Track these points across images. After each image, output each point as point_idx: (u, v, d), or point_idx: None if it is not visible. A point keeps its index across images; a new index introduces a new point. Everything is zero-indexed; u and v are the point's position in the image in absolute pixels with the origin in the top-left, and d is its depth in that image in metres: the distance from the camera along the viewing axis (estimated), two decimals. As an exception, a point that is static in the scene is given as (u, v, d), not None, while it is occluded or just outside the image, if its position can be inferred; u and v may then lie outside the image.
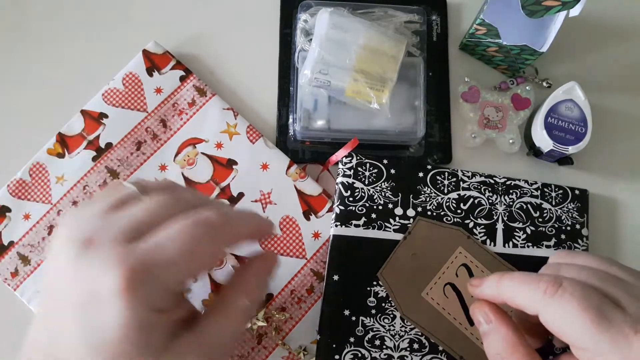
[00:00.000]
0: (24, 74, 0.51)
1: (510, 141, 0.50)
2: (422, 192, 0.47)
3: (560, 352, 0.44)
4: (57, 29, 0.52)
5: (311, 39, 0.48)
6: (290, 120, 0.49)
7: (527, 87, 0.51)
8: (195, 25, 0.53)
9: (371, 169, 0.47)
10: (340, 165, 0.47)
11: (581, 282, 0.32)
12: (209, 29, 0.53)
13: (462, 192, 0.47)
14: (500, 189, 0.47)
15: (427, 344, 0.43)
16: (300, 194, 0.48)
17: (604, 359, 0.30)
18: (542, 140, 0.47)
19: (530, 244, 0.46)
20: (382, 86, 0.46)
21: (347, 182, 0.46)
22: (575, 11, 0.44)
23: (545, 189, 0.48)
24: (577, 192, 0.48)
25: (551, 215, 0.47)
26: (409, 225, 0.46)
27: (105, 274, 0.25)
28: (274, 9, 0.52)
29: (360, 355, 0.43)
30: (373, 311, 0.44)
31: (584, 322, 0.29)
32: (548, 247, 0.46)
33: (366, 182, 0.46)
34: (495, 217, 0.46)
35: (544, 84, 0.52)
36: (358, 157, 0.47)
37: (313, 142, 0.49)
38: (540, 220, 0.47)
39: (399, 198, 0.46)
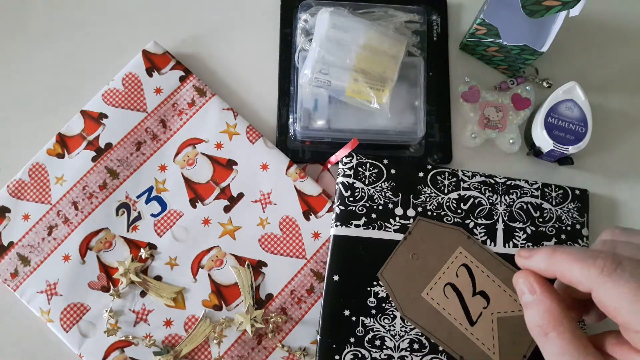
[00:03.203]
0: (23, 74, 0.51)
1: (510, 141, 0.50)
2: (423, 192, 0.47)
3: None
4: (57, 29, 0.52)
5: (311, 39, 0.48)
6: (291, 120, 0.49)
7: (527, 87, 0.51)
8: (195, 25, 0.53)
9: (371, 169, 0.47)
10: (340, 165, 0.47)
11: None
12: (209, 29, 0.53)
13: (462, 192, 0.47)
14: (500, 189, 0.47)
15: (427, 344, 0.43)
16: (300, 194, 0.48)
17: None
18: (542, 140, 0.47)
19: (530, 244, 0.46)
20: (382, 86, 0.46)
21: (347, 182, 0.46)
22: (575, 11, 0.44)
23: (546, 189, 0.48)
24: (577, 192, 0.48)
25: (551, 215, 0.47)
26: (409, 225, 0.45)
27: None
28: (274, 9, 0.52)
29: (360, 355, 0.43)
30: (373, 311, 0.44)
31: None
32: (548, 247, 0.46)
33: (366, 182, 0.46)
34: (495, 217, 0.46)
35: (544, 84, 0.52)
36: (358, 157, 0.47)
37: (313, 142, 0.49)
38: (540, 220, 0.47)
39: (399, 198, 0.46)
